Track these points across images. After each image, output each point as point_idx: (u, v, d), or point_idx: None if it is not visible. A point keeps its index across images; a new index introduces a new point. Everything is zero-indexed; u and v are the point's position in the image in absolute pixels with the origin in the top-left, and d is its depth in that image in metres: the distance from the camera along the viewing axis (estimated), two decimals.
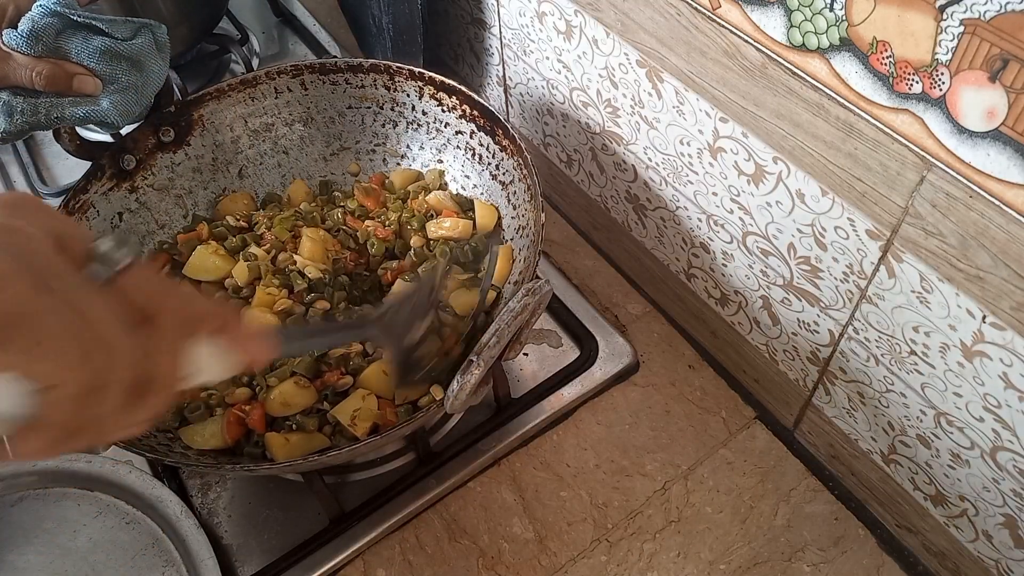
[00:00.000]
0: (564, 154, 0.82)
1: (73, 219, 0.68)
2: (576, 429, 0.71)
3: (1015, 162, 0.39)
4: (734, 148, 0.57)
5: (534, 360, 0.75)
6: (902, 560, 0.63)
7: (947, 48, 0.39)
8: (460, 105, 0.75)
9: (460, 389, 0.51)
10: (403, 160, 0.80)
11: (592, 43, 0.66)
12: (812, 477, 0.67)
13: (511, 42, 0.79)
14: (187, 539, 0.63)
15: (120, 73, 0.63)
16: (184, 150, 0.77)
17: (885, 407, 0.57)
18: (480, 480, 0.68)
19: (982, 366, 0.47)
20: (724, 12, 0.51)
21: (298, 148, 0.81)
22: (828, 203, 0.51)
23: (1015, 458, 0.49)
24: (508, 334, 0.51)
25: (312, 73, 0.78)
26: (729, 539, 0.64)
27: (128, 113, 0.65)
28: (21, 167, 0.96)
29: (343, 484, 0.68)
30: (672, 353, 0.76)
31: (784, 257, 0.59)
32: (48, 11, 0.60)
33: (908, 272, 0.49)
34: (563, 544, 0.64)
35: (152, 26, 0.65)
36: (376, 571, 0.64)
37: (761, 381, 0.70)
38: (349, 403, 0.62)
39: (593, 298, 0.80)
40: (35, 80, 0.59)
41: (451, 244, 0.72)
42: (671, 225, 0.70)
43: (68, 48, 0.61)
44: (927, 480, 0.57)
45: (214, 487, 0.69)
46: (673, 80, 0.59)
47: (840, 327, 0.57)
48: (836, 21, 0.44)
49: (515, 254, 0.71)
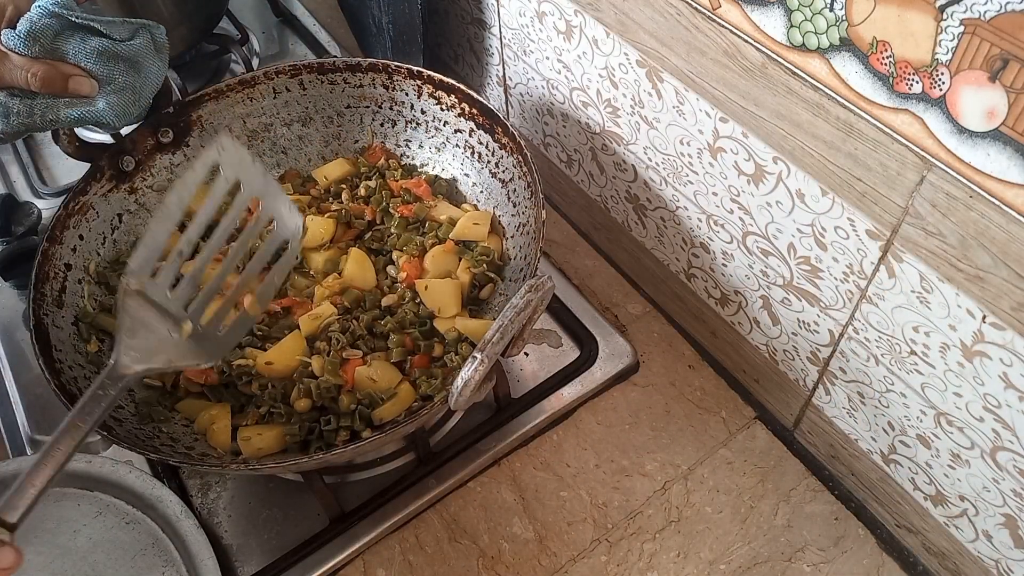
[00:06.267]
0: (564, 154, 0.82)
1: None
2: (576, 429, 0.71)
3: (1015, 162, 0.39)
4: (734, 148, 0.57)
5: (534, 360, 0.75)
6: (902, 560, 0.63)
7: (947, 48, 0.39)
8: (459, 103, 0.74)
9: (464, 385, 0.51)
10: (402, 159, 0.80)
11: (592, 43, 0.66)
12: (812, 477, 0.67)
13: (511, 42, 0.79)
14: (187, 539, 0.63)
15: (117, 74, 0.63)
16: (183, 151, 0.77)
17: (885, 407, 0.57)
18: (480, 480, 0.68)
19: (982, 366, 0.47)
20: (724, 12, 0.51)
21: (297, 148, 0.81)
22: (828, 203, 0.51)
23: (1015, 458, 0.49)
24: (511, 330, 0.51)
25: (310, 73, 0.77)
26: (729, 539, 0.64)
27: (125, 114, 0.65)
28: (21, 167, 0.96)
29: (343, 484, 0.68)
30: (672, 353, 0.76)
31: (784, 257, 0.59)
32: (46, 12, 0.60)
33: (908, 272, 0.48)
34: (563, 544, 0.64)
35: (150, 27, 0.65)
36: (376, 571, 0.64)
37: (761, 381, 0.70)
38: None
39: (593, 298, 0.80)
40: (30, 81, 0.59)
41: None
42: (671, 225, 0.70)
43: (66, 49, 0.61)
44: (927, 480, 0.57)
45: (214, 487, 0.69)
46: (673, 80, 0.59)
47: (840, 327, 0.57)
48: (836, 21, 0.44)
49: (516, 252, 0.71)
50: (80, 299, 0.67)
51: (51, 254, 0.66)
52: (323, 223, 0.73)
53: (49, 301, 0.64)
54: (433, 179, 0.77)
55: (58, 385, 0.58)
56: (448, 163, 0.78)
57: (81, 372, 0.63)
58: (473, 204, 0.76)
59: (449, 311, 0.67)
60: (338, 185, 0.78)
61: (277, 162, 0.81)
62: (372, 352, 0.66)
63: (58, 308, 0.65)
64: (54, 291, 0.65)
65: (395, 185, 0.76)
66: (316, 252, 0.72)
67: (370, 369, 0.63)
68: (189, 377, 0.65)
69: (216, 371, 0.65)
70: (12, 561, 0.43)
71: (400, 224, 0.73)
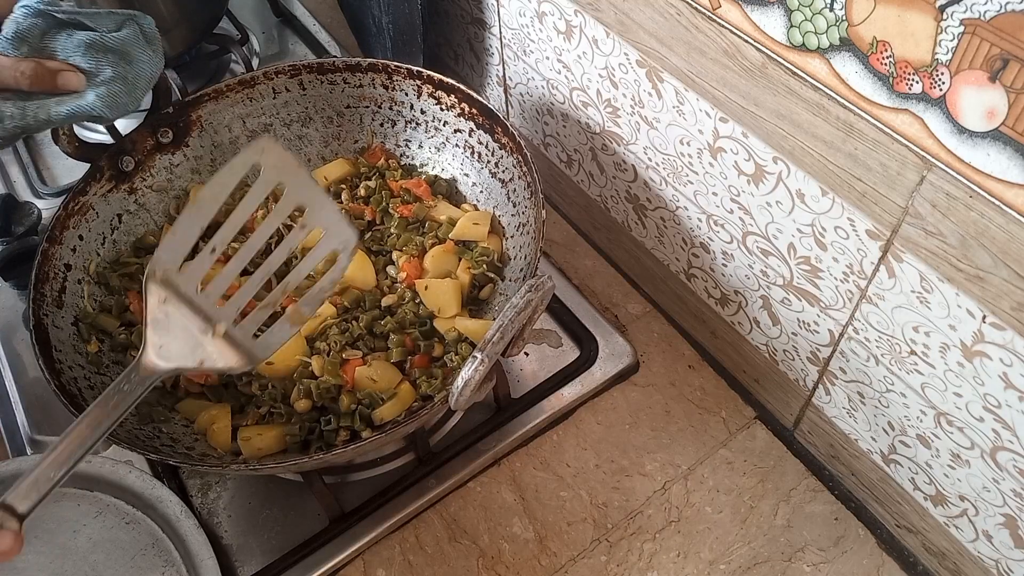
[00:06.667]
0: (564, 154, 0.82)
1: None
2: (576, 429, 0.71)
3: (1015, 162, 0.39)
4: (734, 148, 0.57)
5: (534, 360, 0.75)
6: (902, 560, 0.63)
7: (947, 48, 0.39)
8: (459, 103, 0.74)
9: (465, 385, 0.51)
10: (402, 159, 0.80)
11: (592, 43, 0.66)
12: (812, 477, 0.67)
13: (511, 42, 0.79)
14: (187, 539, 0.63)
15: (105, 65, 0.62)
16: (183, 151, 0.77)
17: (885, 407, 0.57)
18: (480, 480, 0.68)
19: (982, 366, 0.47)
20: (724, 12, 0.51)
21: (296, 148, 0.81)
22: (828, 203, 0.51)
23: (1015, 458, 0.49)
24: (512, 330, 0.51)
25: (310, 73, 0.77)
26: (729, 539, 0.64)
27: (117, 105, 0.63)
28: (21, 167, 0.96)
29: (343, 484, 0.68)
30: (672, 353, 0.76)
31: (784, 257, 0.59)
32: (32, 11, 0.59)
33: (908, 272, 0.48)
34: (563, 544, 0.64)
35: (137, 16, 0.64)
36: (376, 571, 0.64)
37: (761, 381, 0.70)
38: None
39: (593, 298, 0.80)
40: (20, 80, 0.59)
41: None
42: (671, 225, 0.70)
43: (54, 47, 0.60)
44: (927, 480, 0.57)
45: (214, 487, 0.69)
46: (673, 80, 0.59)
47: (840, 327, 0.57)
48: (836, 21, 0.44)
49: (516, 252, 0.71)
50: (80, 299, 0.68)
51: (51, 254, 0.66)
52: None
53: (49, 301, 0.64)
54: (433, 179, 0.77)
55: (58, 385, 0.58)
56: (448, 163, 0.78)
57: (81, 372, 0.63)
58: (473, 204, 0.76)
59: (449, 311, 0.67)
60: (338, 185, 0.77)
61: None
62: (372, 352, 0.66)
63: (58, 308, 0.65)
64: (54, 291, 0.65)
65: (395, 185, 0.76)
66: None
67: (370, 369, 0.63)
68: (189, 377, 0.65)
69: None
70: (10, 545, 0.42)
71: (400, 224, 0.73)
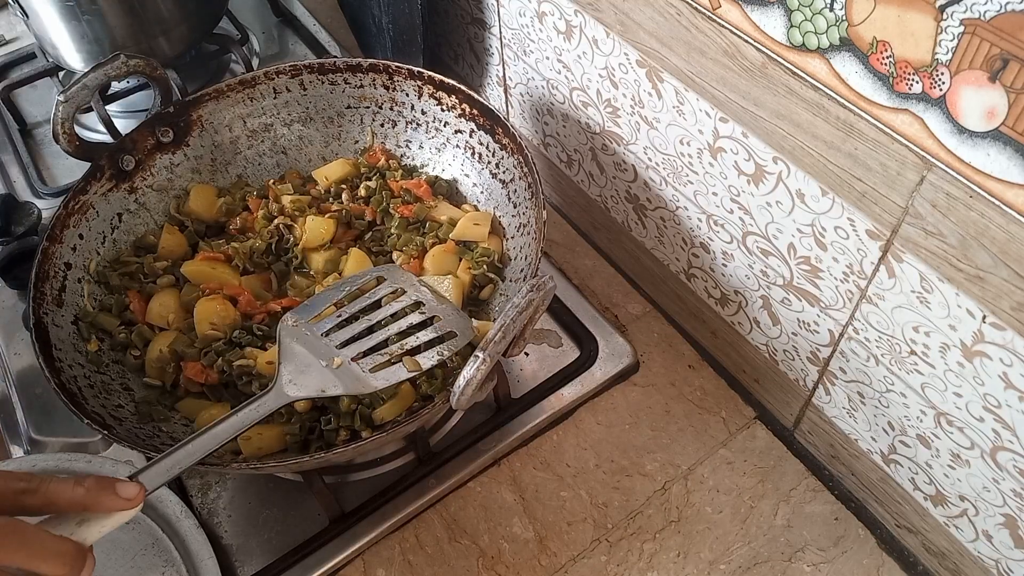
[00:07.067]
0: (564, 154, 0.82)
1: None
2: (576, 429, 0.71)
3: (1015, 162, 0.39)
4: (734, 148, 0.57)
5: (534, 360, 0.75)
6: (902, 560, 0.63)
7: (947, 48, 0.39)
8: (459, 104, 0.75)
9: (467, 384, 0.51)
10: (402, 160, 0.80)
11: (592, 43, 0.66)
12: (812, 477, 0.67)
13: (511, 42, 0.79)
14: (187, 539, 0.63)
15: None
16: (183, 150, 0.77)
17: (885, 407, 0.57)
18: (480, 480, 0.68)
19: (982, 366, 0.47)
20: (724, 12, 0.51)
21: (296, 148, 0.81)
22: (828, 203, 0.51)
23: (1015, 458, 0.49)
24: (513, 330, 0.52)
25: (311, 73, 0.77)
26: (729, 539, 0.64)
27: None
28: (21, 167, 0.95)
29: (343, 484, 0.68)
30: (672, 353, 0.76)
31: (784, 257, 0.59)
32: None
33: (908, 272, 0.49)
34: (563, 544, 0.64)
35: None
36: (376, 571, 0.64)
37: (761, 381, 0.70)
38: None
39: (593, 298, 0.80)
40: None
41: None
42: (671, 225, 0.70)
43: None
44: (927, 480, 0.57)
45: (214, 487, 0.69)
46: (673, 80, 0.59)
47: (840, 327, 0.57)
48: (836, 21, 0.44)
49: (516, 252, 0.71)
50: (80, 298, 0.68)
51: (51, 253, 0.66)
52: (323, 224, 0.73)
53: (49, 300, 0.64)
54: (433, 180, 0.77)
55: (58, 384, 0.58)
56: (448, 164, 0.78)
57: (81, 371, 0.63)
58: (473, 205, 0.76)
59: None
60: (338, 186, 0.77)
61: (277, 162, 0.81)
62: None
63: (58, 307, 0.65)
64: (54, 290, 0.65)
65: (395, 186, 0.76)
66: (316, 252, 0.72)
67: None
68: (189, 377, 0.65)
69: (216, 371, 0.65)
70: (135, 493, 0.44)
71: (400, 224, 0.73)
